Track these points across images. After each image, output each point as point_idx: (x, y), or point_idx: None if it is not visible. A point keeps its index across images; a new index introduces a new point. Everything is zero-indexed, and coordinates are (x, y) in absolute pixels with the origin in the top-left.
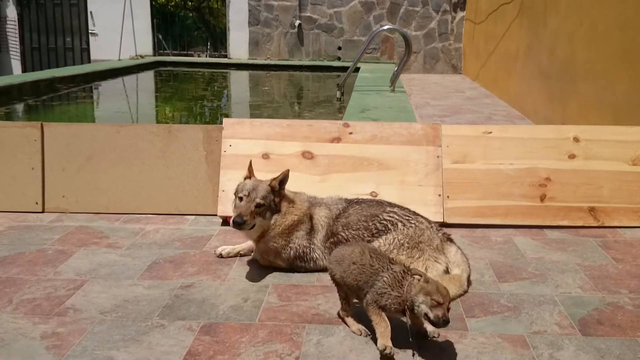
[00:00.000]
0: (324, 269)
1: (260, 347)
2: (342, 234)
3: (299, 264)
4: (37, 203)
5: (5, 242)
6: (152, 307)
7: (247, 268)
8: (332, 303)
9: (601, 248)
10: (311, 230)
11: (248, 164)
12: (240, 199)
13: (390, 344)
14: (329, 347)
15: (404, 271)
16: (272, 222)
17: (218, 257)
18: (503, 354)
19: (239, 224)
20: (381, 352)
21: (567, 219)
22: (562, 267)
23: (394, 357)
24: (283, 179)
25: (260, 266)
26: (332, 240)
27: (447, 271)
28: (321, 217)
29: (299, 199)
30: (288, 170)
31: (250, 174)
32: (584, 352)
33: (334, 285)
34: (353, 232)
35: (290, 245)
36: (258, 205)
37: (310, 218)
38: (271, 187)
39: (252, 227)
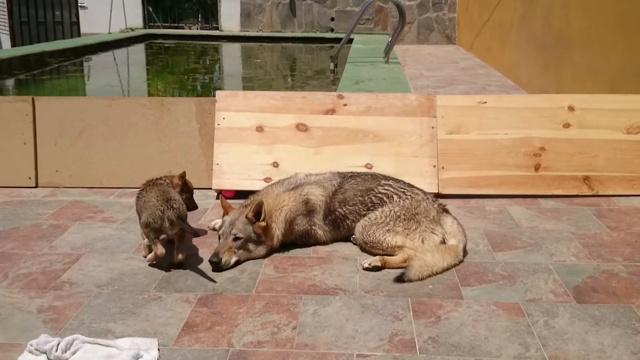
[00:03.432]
0: (325, 243)
1: (257, 317)
2: (340, 210)
3: (303, 242)
4: (30, 178)
5: None
6: (148, 280)
7: None
8: (327, 274)
9: (595, 216)
10: (309, 212)
11: (220, 200)
12: (219, 237)
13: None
14: (326, 317)
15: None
16: (260, 251)
17: (213, 230)
18: (498, 321)
19: (215, 263)
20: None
21: (561, 188)
22: (556, 236)
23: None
24: (257, 212)
25: None
26: (330, 217)
27: (443, 242)
28: (317, 197)
29: (275, 201)
30: (262, 202)
31: (226, 210)
32: (579, 319)
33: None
34: (350, 207)
35: (293, 232)
36: (236, 239)
37: (307, 201)
38: (248, 219)
39: (233, 265)
